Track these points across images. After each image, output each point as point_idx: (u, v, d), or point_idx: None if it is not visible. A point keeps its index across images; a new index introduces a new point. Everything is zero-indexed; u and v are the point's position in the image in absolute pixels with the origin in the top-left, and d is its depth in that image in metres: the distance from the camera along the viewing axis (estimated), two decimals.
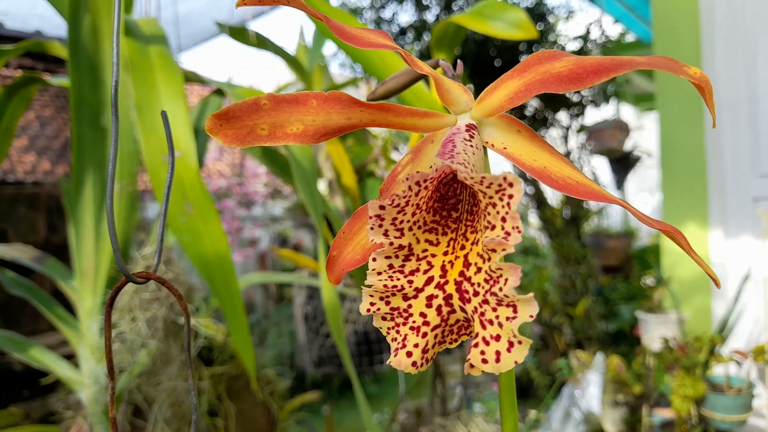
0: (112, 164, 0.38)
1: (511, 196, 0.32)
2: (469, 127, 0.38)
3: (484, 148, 0.39)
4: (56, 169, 4.87)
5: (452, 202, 0.37)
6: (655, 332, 2.79)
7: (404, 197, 0.34)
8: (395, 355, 0.35)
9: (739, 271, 2.68)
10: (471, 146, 0.36)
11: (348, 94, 0.36)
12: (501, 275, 0.32)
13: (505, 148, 0.38)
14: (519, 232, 0.31)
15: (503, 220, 0.32)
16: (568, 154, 4.48)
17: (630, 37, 5.18)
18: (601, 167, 4.60)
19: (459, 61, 0.42)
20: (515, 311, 0.31)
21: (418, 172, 0.32)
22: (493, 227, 0.33)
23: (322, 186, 2.47)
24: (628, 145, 3.81)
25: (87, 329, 1.13)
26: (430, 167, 0.39)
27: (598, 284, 4.14)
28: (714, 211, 2.81)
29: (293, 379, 3.71)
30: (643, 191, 8.33)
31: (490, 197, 0.32)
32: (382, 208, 0.34)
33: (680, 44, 2.87)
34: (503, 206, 0.32)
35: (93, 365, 1.10)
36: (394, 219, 0.35)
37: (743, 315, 2.64)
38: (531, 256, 5.73)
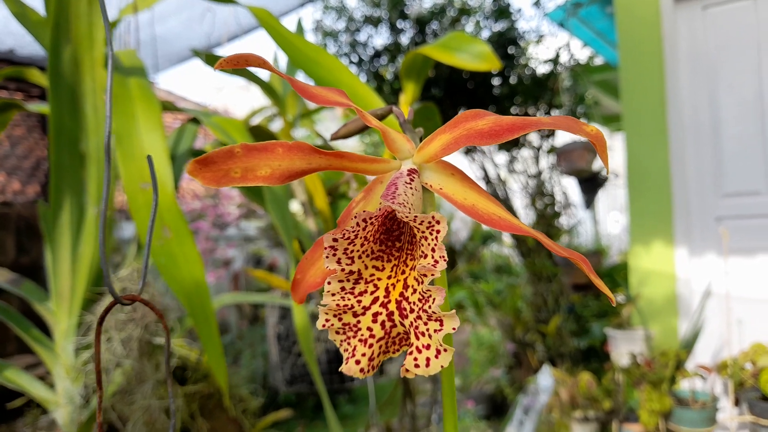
0: (104, 208, 0.43)
1: (438, 231, 0.39)
2: (410, 172, 0.45)
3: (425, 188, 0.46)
4: (27, 189, 4.82)
5: (396, 233, 0.44)
6: (624, 348, 2.86)
7: (353, 231, 0.41)
8: (346, 363, 0.41)
9: (704, 287, 2.77)
10: (411, 188, 0.43)
11: (308, 143, 0.42)
12: (430, 295, 0.39)
13: (441, 188, 0.45)
14: (445, 260, 0.39)
15: (432, 250, 0.39)
16: (539, 174, 4.58)
17: (598, 61, 5.35)
18: (571, 187, 4.72)
19: (410, 108, 0.48)
20: (441, 324, 0.38)
21: (364, 211, 0.39)
22: (425, 256, 0.39)
23: (296, 207, 2.51)
24: (596, 166, 3.93)
25: (62, 350, 1.15)
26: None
27: (570, 302, 4.22)
28: (679, 229, 2.90)
29: (266, 398, 3.71)
30: (614, 210, 8.52)
31: (423, 232, 0.39)
32: (335, 240, 0.41)
33: (645, 70, 2.99)
34: (432, 239, 0.39)
35: (68, 385, 1.12)
36: (346, 249, 0.41)
37: (707, 330, 2.73)
38: (504, 275, 5.82)
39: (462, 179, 0.44)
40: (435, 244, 0.39)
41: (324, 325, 0.41)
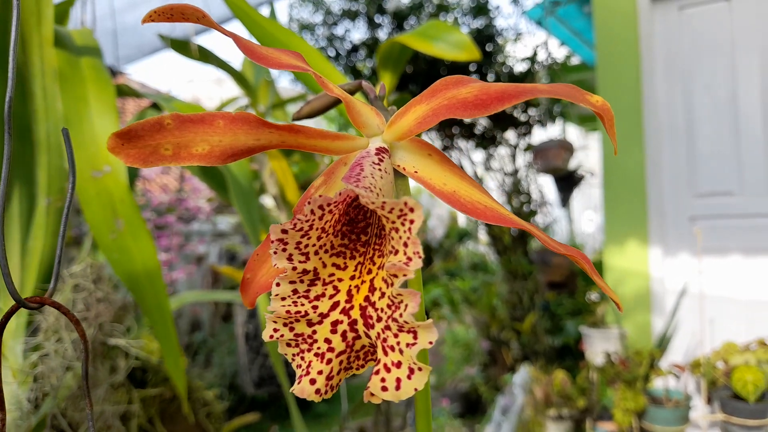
0: (4, 180, 0.36)
1: (412, 221, 0.31)
2: (379, 151, 0.38)
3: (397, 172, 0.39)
4: None
5: (362, 225, 0.37)
6: (598, 347, 2.85)
7: (307, 221, 0.33)
8: (299, 383, 0.34)
9: (677, 287, 2.78)
10: (379, 170, 0.36)
11: (256, 115, 0.35)
12: (402, 301, 0.31)
13: (416, 171, 0.38)
14: (420, 257, 0.31)
15: (405, 245, 0.32)
16: (515, 172, 4.57)
17: (575, 60, 5.36)
18: (547, 185, 4.72)
19: (381, 83, 0.42)
20: (415, 337, 0.31)
21: (320, 195, 0.32)
22: (396, 252, 0.32)
23: (269, 201, 2.43)
24: (572, 164, 3.92)
25: (10, 351, 1.07)
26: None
27: (545, 300, 4.22)
28: (653, 229, 2.90)
29: (235, 399, 3.62)
30: (589, 209, 8.59)
31: (393, 222, 0.32)
32: (284, 232, 0.33)
33: (621, 70, 2.98)
34: (405, 231, 0.32)
35: (15, 389, 1.04)
36: (299, 243, 0.34)
37: (680, 329, 2.74)
38: (480, 272, 5.81)
39: (441, 161, 0.38)
40: (408, 237, 0.31)
41: (272, 336, 0.34)
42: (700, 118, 2.82)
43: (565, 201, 4.17)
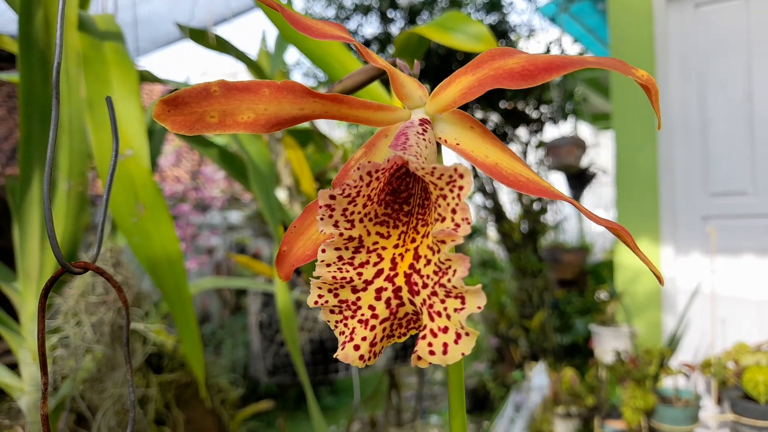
0: (50, 154, 0.37)
1: (461, 188, 0.31)
2: (423, 122, 0.38)
3: (439, 145, 0.39)
4: (7, 170, 4.68)
5: (404, 195, 0.37)
6: (608, 345, 2.84)
7: (355, 187, 0.34)
8: (342, 349, 0.34)
9: (689, 286, 2.76)
10: (424, 140, 0.36)
11: (301, 83, 0.35)
12: (450, 266, 0.32)
13: (457, 143, 0.38)
14: (468, 223, 0.31)
15: (453, 211, 0.32)
16: None
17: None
18: (558, 183, 4.70)
19: (416, 61, 0.43)
20: (463, 302, 0.31)
21: (369, 161, 0.32)
22: (443, 219, 0.32)
23: (281, 192, 2.45)
24: (584, 162, 3.91)
25: (29, 333, 1.08)
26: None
27: (554, 297, 4.21)
28: (665, 228, 2.89)
29: (247, 389, 3.65)
30: (599, 207, 8.56)
31: (441, 188, 0.32)
32: (332, 197, 0.34)
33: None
34: (453, 198, 0.32)
35: (34, 371, 1.05)
36: (345, 209, 0.34)
37: (691, 329, 2.72)
38: (489, 269, 5.81)
39: (483, 133, 0.38)
40: (456, 204, 0.31)
41: (317, 302, 0.35)
42: (714, 117, 2.80)
43: (576, 199, 4.15)
